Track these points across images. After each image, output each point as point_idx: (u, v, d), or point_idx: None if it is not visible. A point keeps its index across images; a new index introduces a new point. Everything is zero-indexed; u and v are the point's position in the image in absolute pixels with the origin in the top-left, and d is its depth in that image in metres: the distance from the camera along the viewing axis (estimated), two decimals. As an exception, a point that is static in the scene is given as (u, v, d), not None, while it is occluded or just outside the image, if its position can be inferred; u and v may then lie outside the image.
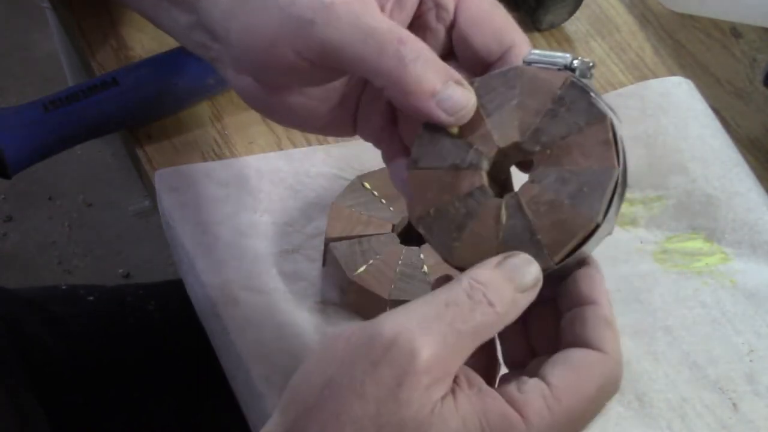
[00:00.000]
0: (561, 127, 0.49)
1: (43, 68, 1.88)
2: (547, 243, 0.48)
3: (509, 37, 0.53)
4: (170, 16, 0.57)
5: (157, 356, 0.82)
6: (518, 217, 0.49)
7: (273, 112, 0.58)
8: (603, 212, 0.48)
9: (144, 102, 0.70)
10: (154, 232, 1.74)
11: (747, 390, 0.62)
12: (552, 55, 0.51)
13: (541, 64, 0.51)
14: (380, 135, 0.57)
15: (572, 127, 0.49)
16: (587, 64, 0.50)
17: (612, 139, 0.48)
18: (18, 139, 0.67)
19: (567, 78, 0.49)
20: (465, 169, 0.50)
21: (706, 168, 0.70)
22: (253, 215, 0.67)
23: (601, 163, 0.48)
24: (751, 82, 0.77)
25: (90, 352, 0.82)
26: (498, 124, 0.50)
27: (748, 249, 0.68)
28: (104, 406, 0.80)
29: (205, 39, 0.55)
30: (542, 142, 0.49)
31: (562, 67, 0.50)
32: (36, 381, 0.78)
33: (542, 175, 0.49)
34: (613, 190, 0.48)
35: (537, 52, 0.51)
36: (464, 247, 0.49)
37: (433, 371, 0.44)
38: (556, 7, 0.77)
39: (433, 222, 0.50)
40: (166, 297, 0.87)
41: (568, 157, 0.49)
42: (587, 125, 0.49)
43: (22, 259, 1.74)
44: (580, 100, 0.49)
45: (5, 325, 0.80)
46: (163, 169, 0.69)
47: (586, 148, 0.48)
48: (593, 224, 0.48)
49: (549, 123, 0.49)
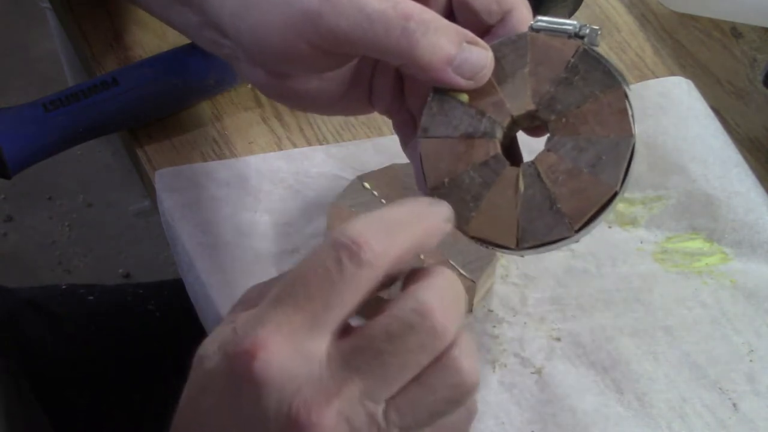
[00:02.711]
0: (576, 95, 0.49)
1: (43, 68, 1.88)
2: (567, 212, 0.48)
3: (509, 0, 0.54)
4: (181, 15, 0.57)
5: (157, 356, 0.82)
6: (537, 186, 0.48)
7: (290, 100, 0.58)
8: (621, 180, 0.48)
9: (144, 102, 0.70)
10: (154, 232, 1.74)
11: (747, 390, 0.62)
12: (560, 22, 0.50)
13: (550, 31, 0.50)
14: (391, 106, 0.57)
15: (588, 95, 0.49)
16: (596, 31, 0.50)
17: (628, 108, 0.48)
18: (18, 139, 0.67)
19: (579, 46, 0.50)
20: (479, 138, 0.50)
21: (706, 168, 0.70)
22: (253, 215, 0.67)
23: (618, 132, 0.48)
24: (751, 82, 0.77)
25: (90, 352, 0.82)
26: (511, 92, 0.50)
27: (748, 249, 0.68)
28: (104, 405, 0.81)
29: (216, 37, 0.56)
30: (557, 111, 0.49)
31: (571, 34, 0.50)
32: (36, 381, 0.78)
33: (559, 143, 0.49)
34: (629, 158, 0.48)
35: (545, 19, 0.51)
36: (481, 217, 0.49)
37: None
38: (556, 7, 0.77)
39: (448, 192, 0.50)
40: (166, 297, 0.87)
41: (584, 126, 0.49)
42: (602, 93, 0.49)
43: (22, 259, 1.74)
44: (594, 69, 0.49)
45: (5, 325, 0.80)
46: (163, 169, 0.69)
47: (603, 116, 0.48)
48: (612, 192, 0.48)
49: (564, 91, 0.49)
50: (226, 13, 0.53)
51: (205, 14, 0.55)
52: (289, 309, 0.43)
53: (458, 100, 0.50)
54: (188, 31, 0.59)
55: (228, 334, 0.43)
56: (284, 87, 0.56)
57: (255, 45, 0.53)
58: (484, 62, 0.50)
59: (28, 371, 0.78)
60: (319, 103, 0.58)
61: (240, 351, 0.42)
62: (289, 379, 0.42)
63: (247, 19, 0.52)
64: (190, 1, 0.55)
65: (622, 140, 0.48)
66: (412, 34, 0.49)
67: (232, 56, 0.57)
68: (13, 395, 0.72)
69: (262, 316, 0.43)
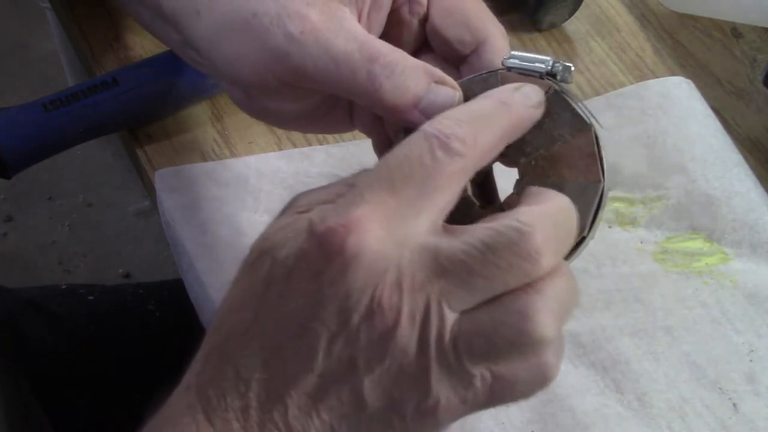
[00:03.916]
0: (546, 137, 0.49)
1: (43, 68, 1.88)
2: None
3: (483, 29, 0.53)
4: (164, 32, 0.58)
5: (157, 356, 0.82)
6: None
7: (270, 119, 0.59)
8: (588, 226, 0.48)
9: (144, 102, 0.70)
10: (154, 232, 1.74)
11: (747, 390, 0.62)
12: (532, 59, 0.50)
13: (521, 69, 0.50)
14: (372, 127, 0.57)
15: (557, 138, 0.49)
16: (568, 69, 0.50)
17: (597, 152, 0.48)
18: (18, 139, 0.67)
19: (550, 87, 0.49)
20: None
21: (706, 168, 0.70)
22: (253, 215, 0.67)
23: (586, 176, 0.48)
24: (751, 82, 0.77)
25: (90, 352, 0.82)
26: None
27: (748, 249, 0.68)
28: (104, 405, 0.81)
29: (195, 56, 0.56)
30: (527, 153, 0.49)
31: (543, 72, 0.50)
32: (36, 381, 0.78)
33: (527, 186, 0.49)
34: (598, 203, 0.48)
35: (517, 54, 0.51)
36: None
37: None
38: (556, 7, 0.77)
39: None
40: (166, 297, 0.87)
41: (553, 169, 0.49)
42: (572, 137, 0.48)
43: (22, 259, 1.74)
44: (563, 110, 0.49)
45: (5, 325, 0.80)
46: (163, 169, 0.69)
47: (572, 160, 0.48)
48: (580, 238, 0.48)
49: (533, 133, 0.49)
50: (201, 38, 0.54)
51: (181, 34, 0.56)
52: (383, 194, 0.43)
53: None
54: (172, 46, 0.60)
55: (305, 222, 0.43)
56: (262, 107, 0.56)
57: (228, 72, 0.54)
58: (450, 102, 0.50)
59: (28, 371, 0.78)
60: (298, 123, 0.58)
61: (334, 227, 0.42)
62: (379, 258, 0.42)
63: (219, 49, 0.53)
64: (169, 19, 0.56)
65: (591, 185, 0.48)
66: (377, 78, 0.49)
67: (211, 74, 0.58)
68: (13, 395, 0.72)
69: (355, 199, 0.43)
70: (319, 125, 0.58)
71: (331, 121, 0.58)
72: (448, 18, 0.54)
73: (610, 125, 0.72)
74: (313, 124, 0.58)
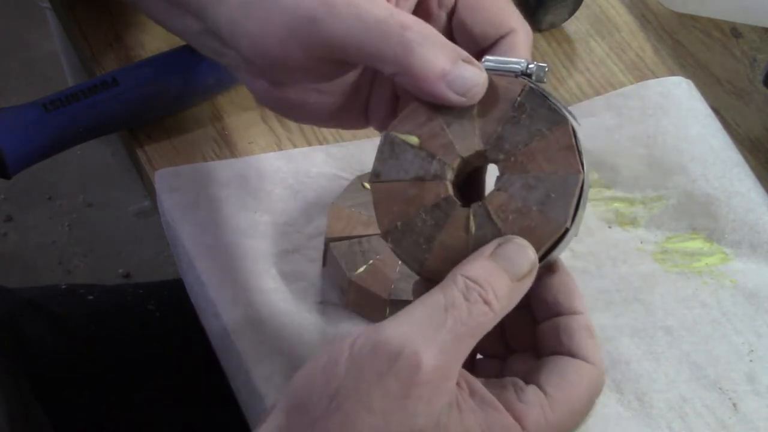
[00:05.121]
0: (524, 133, 0.49)
1: (43, 68, 1.88)
2: None
3: (507, 23, 0.54)
4: (182, 22, 0.57)
5: (157, 356, 0.82)
6: (487, 226, 0.49)
7: (288, 111, 0.59)
8: (571, 217, 0.48)
9: (144, 102, 0.70)
10: (154, 232, 1.74)
11: (747, 390, 0.62)
12: (507, 61, 0.51)
13: (497, 71, 0.51)
14: (385, 123, 0.57)
15: (534, 133, 0.49)
16: (543, 68, 0.51)
17: (574, 144, 0.48)
18: (18, 139, 0.67)
19: (525, 85, 0.50)
20: (429, 181, 0.50)
21: (706, 168, 0.70)
22: (253, 215, 0.67)
23: (565, 168, 0.48)
24: (751, 82, 0.77)
25: (90, 352, 0.82)
26: (459, 133, 0.50)
27: (748, 249, 0.68)
28: (104, 405, 0.81)
29: (216, 45, 0.56)
30: (506, 150, 0.49)
31: (518, 72, 0.51)
32: (36, 381, 0.78)
33: (508, 182, 0.49)
34: (579, 195, 0.48)
35: (492, 58, 0.52)
36: (435, 259, 0.49)
37: (437, 380, 0.44)
38: (556, 7, 0.77)
39: (401, 236, 0.50)
40: (166, 297, 0.87)
41: (532, 164, 0.49)
42: (549, 131, 0.49)
43: (22, 259, 1.74)
44: (540, 106, 0.49)
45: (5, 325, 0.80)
46: (163, 169, 0.69)
47: (550, 153, 0.49)
48: (562, 229, 0.48)
49: (511, 130, 0.49)
50: (224, 20, 0.53)
51: (203, 21, 0.55)
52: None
53: (409, 144, 0.51)
54: (189, 38, 0.59)
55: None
56: (283, 97, 0.56)
57: (252, 52, 0.53)
58: (477, 80, 0.50)
59: (28, 371, 0.78)
60: (316, 115, 0.58)
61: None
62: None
63: (244, 25, 0.52)
64: (190, 7, 0.55)
65: (570, 177, 0.48)
66: (409, 43, 0.49)
67: (232, 65, 0.57)
68: (13, 395, 0.72)
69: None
70: (337, 119, 0.58)
71: (348, 114, 0.58)
72: (473, 11, 0.54)
73: (610, 125, 0.72)
74: (332, 118, 0.58)
